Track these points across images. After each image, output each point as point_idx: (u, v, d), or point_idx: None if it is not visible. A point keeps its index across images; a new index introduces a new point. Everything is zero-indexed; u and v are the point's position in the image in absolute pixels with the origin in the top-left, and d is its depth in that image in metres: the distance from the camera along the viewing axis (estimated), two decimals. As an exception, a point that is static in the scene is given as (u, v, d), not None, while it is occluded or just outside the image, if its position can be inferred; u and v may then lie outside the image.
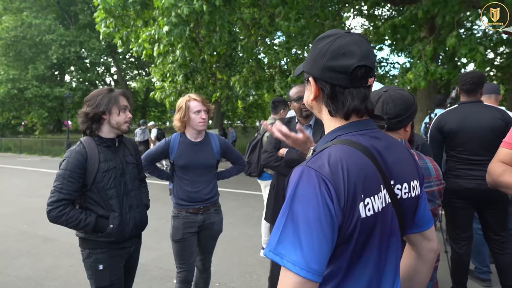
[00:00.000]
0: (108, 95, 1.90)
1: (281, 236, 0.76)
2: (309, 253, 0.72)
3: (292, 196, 0.78)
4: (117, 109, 1.90)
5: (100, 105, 1.86)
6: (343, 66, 0.84)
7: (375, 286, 0.85)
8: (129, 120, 1.96)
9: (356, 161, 0.81)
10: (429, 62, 6.19)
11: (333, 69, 0.85)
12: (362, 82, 0.87)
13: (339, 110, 0.89)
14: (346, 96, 0.87)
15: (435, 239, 1.05)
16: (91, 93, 1.94)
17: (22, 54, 22.48)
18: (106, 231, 1.84)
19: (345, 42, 0.85)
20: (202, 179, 2.39)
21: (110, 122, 1.91)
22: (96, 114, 1.86)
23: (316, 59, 0.89)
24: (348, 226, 0.78)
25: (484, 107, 2.65)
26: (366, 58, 0.85)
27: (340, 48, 0.85)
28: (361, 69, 0.84)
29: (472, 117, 2.61)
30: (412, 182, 0.94)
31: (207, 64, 9.99)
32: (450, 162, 2.77)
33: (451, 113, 2.73)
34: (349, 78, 0.85)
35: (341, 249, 0.79)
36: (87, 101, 1.90)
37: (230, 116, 27.75)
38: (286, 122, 2.38)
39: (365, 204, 0.80)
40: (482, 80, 2.67)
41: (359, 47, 0.85)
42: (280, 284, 0.75)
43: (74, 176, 1.78)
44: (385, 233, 0.85)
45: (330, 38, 0.88)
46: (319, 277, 0.74)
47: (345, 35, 0.87)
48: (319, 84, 0.90)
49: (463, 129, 2.62)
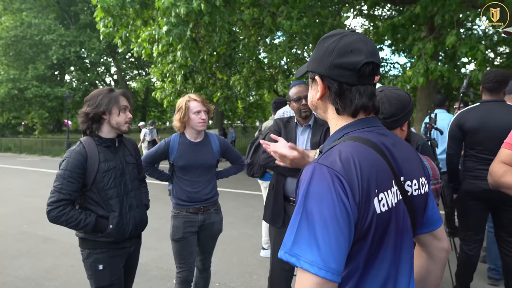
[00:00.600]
0: (109, 95, 1.89)
1: (296, 237, 0.73)
2: (327, 252, 0.70)
3: (306, 194, 0.76)
4: (117, 109, 1.90)
5: (100, 105, 1.86)
6: (351, 63, 0.84)
7: (392, 285, 0.83)
8: (129, 120, 1.96)
9: (367, 156, 0.80)
10: (429, 60, 6.17)
11: (341, 66, 0.85)
12: (370, 79, 0.87)
13: (347, 108, 0.88)
14: (354, 94, 0.87)
15: (446, 238, 1.04)
16: (91, 93, 1.93)
17: (22, 54, 22.48)
18: (106, 231, 1.84)
19: (352, 40, 0.86)
20: (202, 179, 2.38)
21: (110, 122, 1.90)
22: (96, 114, 1.86)
23: (322, 57, 0.89)
24: (364, 222, 0.76)
25: (507, 106, 2.58)
26: (373, 55, 0.85)
27: (348, 46, 0.85)
28: (369, 66, 0.85)
29: (495, 116, 2.53)
30: (421, 179, 0.94)
31: (207, 64, 9.99)
32: (469, 162, 2.70)
33: (472, 111, 2.67)
34: (357, 75, 0.85)
35: (357, 246, 0.77)
36: (88, 101, 1.89)
37: (230, 116, 27.75)
38: (285, 122, 2.37)
39: (379, 199, 0.78)
40: (506, 79, 2.60)
41: (365, 44, 0.86)
42: (298, 287, 0.72)
43: (74, 176, 1.78)
44: (398, 230, 0.84)
45: (336, 36, 0.88)
46: (339, 277, 0.71)
47: (351, 34, 0.88)
48: (326, 82, 0.90)
49: (484, 128, 2.54)
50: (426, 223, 1.01)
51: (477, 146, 2.62)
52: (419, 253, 1.07)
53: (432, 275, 1.05)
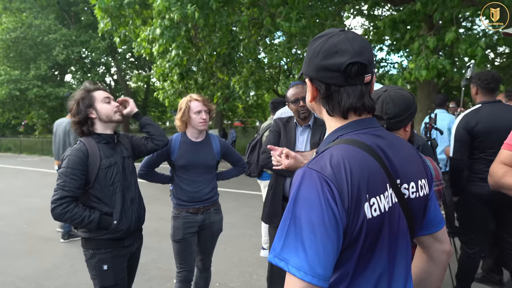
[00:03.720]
0: (85, 95, 1.93)
1: (285, 241, 0.74)
2: (313, 257, 0.70)
3: (295, 199, 0.76)
4: (100, 103, 1.93)
5: (80, 110, 1.90)
6: (335, 64, 0.83)
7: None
8: (117, 109, 1.98)
9: (359, 160, 0.79)
10: (430, 54, 6.14)
11: (326, 68, 0.85)
12: (358, 80, 0.85)
13: (335, 109, 0.88)
14: (342, 95, 0.86)
15: (447, 241, 1.03)
16: (70, 102, 1.96)
17: (22, 54, 22.48)
18: (111, 227, 1.85)
19: (338, 40, 0.85)
20: (202, 179, 2.39)
21: (100, 118, 1.93)
22: (82, 118, 1.90)
23: (310, 59, 0.88)
24: (354, 227, 0.75)
25: (508, 106, 2.55)
26: (359, 55, 0.83)
27: (332, 47, 0.84)
28: (354, 66, 0.83)
29: (506, 117, 2.47)
30: (420, 181, 0.92)
31: (208, 64, 9.98)
32: (476, 165, 2.61)
33: (479, 113, 2.56)
34: (343, 76, 0.83)
35: (347, 252, 0.77)
36: (70, 111, 1.93)
37: (230, 116, 27.76)
38: (285, 122, 2.37)
39: (371, 204, 0.77)
40: (500, 79, 2.58)
41: (351, 44, 0.84)
42: None
43: (76, 173, 1.80)
44: (393, 234, 0.83)
45: (323, 37, 0.87)
46: (325, 282, 0.72)
47: (339, 34, 0.86)
48: (315, 84, 0.90)
49: (495, 130, 2.45)
50: (427, 225, 0.99)
51: (489, 148, 2.51)
52: (420, 255, 1.06)
53: (432, 277, 1.03)
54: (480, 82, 2.61)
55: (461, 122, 2.63)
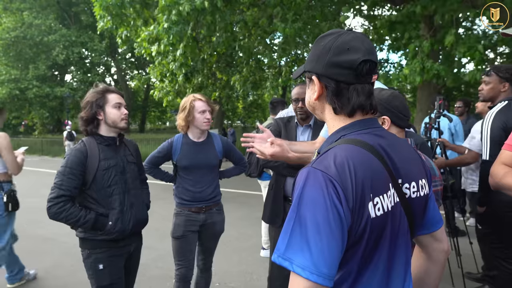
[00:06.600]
0: (99, 96, 1.93)
1: (289, 241, 0.74)
2: (318, 257, 0.71)
3: (299, 199, 0.76)
4: (111, 107, 1.93)
5: (92, 107, 1.90)
6: (348, 61, 0.83)
7: (385, 287, 0.83)
8: (125, 116, 1.98)
9: (362, 160, 0.79)
10: (425, 58, 6.15)
11: (338, 64, 0.85)
12: (367, 78, 0.86)
13: (344, 107, 0.87)
14: (352, 92, 0.86)
15: (446, 240, 1.04)
16: (85, 97, 1.97)
17: (22, 54, 22.49)
18: (106, 228, 1.85)
19: (349, 38, 0.85)
20: (205, 179, 2.39)
21: (106, 121, 1.93)
22: (89, 116, 1.90)
23: (319, 56, 0.88)
24: (358, 226, 0.76)
25: None
26: (370, 54, 0.84)
27: (344, 44, 0.85)
28: (366, 64, 0.83)
29: None
30: (420, 181, 0.93)
31: (208, 64, 9.98)
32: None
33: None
34: (354, 73, 0.84)
35: (351, 251, 0.77)
36: (82, 105, 1.95)
37: (230, 116, 27.78)
38: (285, 122, 2.37)
39: (375, 203, 0.78)
40: None
41: (362, 42, 0.85)
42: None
43: (74, 173, 1.80)
44: (394, 234, 0.83)
45: (333, 35, 0.88)
46: (330, 281, 0.72)
47: (348, 32, 0.87)
48: (323, 81, 0.89)
49: None
50: (426, 225, 0.99)
51: None
52: (419, 254, 1.07)
53: (430, 276, 1.04)
54: (510, 75, 2.32)
55: (497, 122, 2.26)
